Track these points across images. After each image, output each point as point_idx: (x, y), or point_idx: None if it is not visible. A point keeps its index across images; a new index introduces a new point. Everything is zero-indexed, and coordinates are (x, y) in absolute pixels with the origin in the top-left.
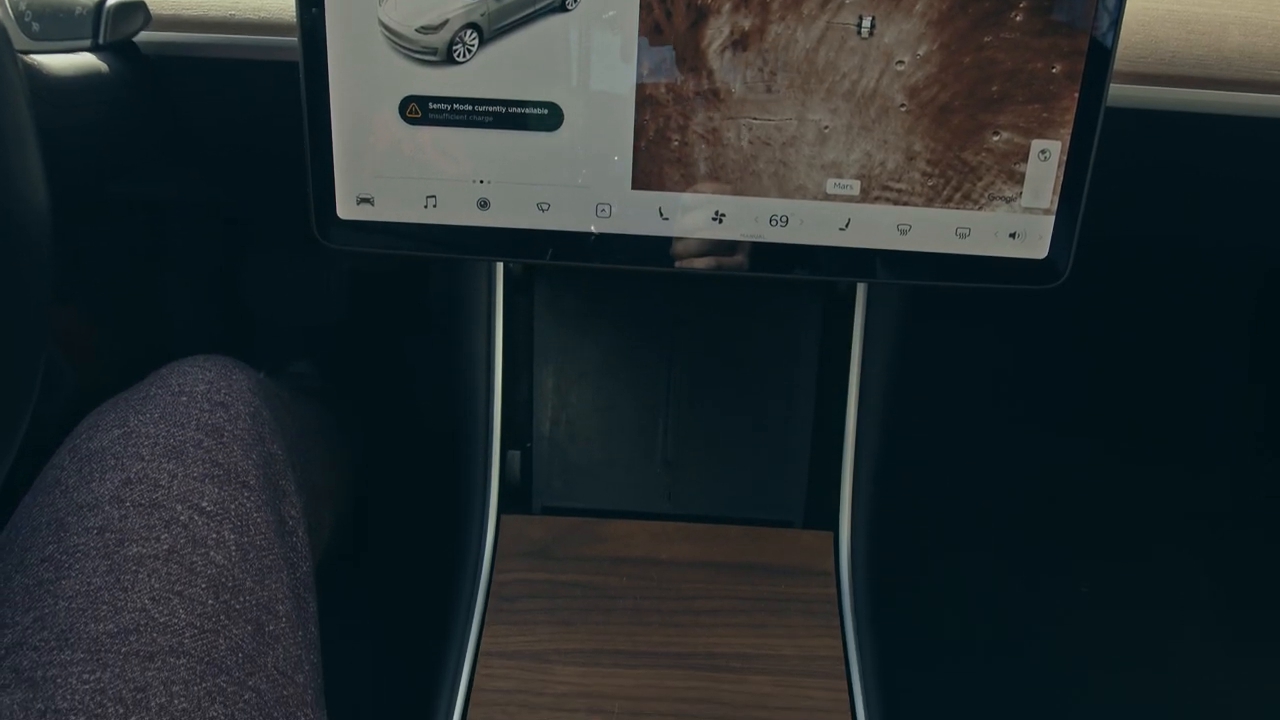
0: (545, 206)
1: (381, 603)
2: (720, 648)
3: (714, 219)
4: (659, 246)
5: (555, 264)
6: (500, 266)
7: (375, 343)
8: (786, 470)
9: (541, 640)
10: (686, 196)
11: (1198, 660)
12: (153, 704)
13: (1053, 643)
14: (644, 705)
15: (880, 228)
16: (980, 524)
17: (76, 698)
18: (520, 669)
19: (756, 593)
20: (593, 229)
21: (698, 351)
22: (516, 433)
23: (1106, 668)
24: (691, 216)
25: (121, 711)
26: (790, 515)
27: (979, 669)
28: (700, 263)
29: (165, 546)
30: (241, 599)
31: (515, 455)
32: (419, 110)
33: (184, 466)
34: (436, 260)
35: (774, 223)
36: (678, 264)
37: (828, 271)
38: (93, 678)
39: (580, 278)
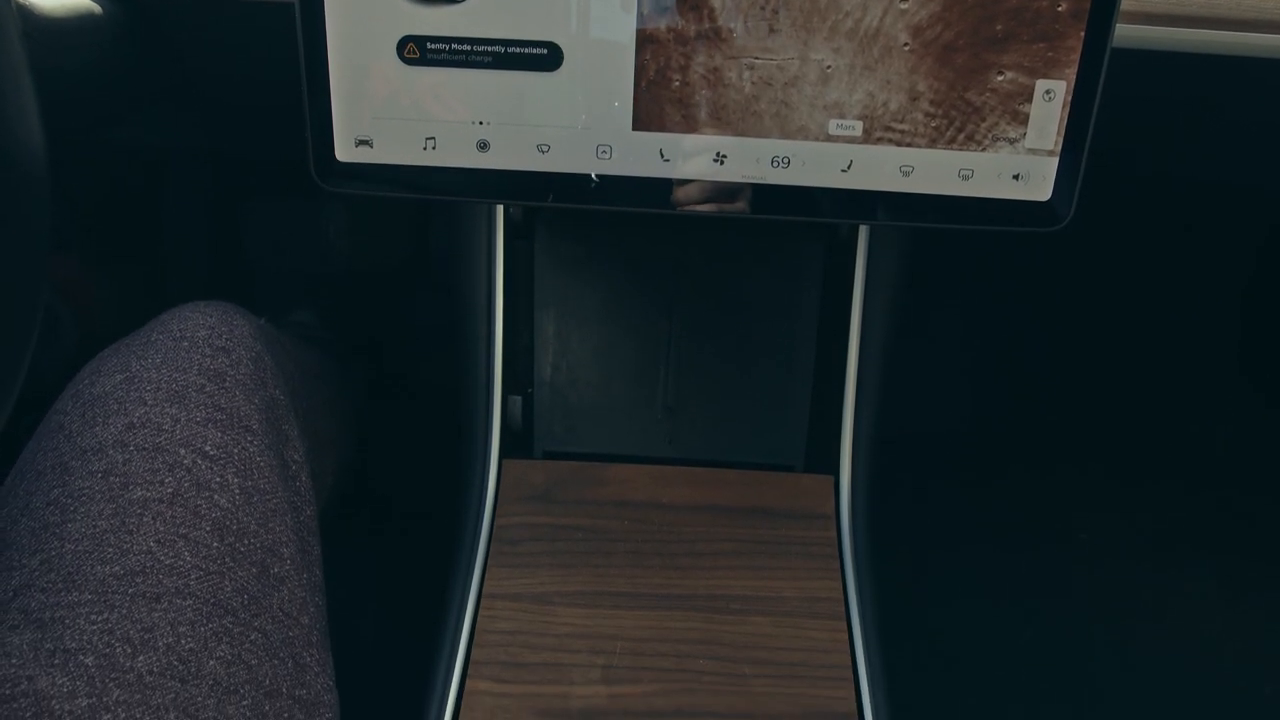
0: (545, 148)
1: (384, 547)
2: (720, 590)
3: (715, 160)
4: (660, 188)
5: (555, 206)
6: (500, 212)
7: (375, 291)
8: (787, 415)
9: (543, 582)
10: (688, 138)
11: (1194, 607)
12: (160, 644)
13: (1050, 586)
14: (645, 646)
15: (882, 169)
16: (980, 468)
17: (85, 638)
18: (522, 610)
19: (757, 536)
20: (593, 171)
21: (699, 296)
22: (517, 378)
23: (1103, 612)
24: (692, 158)
25: (130, 651)
26: (791, 459)
27: (976, 611)
28: (701, 205)
29: (169, 490)
30: (246, 542)
31: (516, 401)
32: (417, 50)
33: (186, 411)
34: (436, 203)
35: (775, 164)
36: (679, 206)
37: (829, 214)
38: (100, 618)
39: (581, 223)
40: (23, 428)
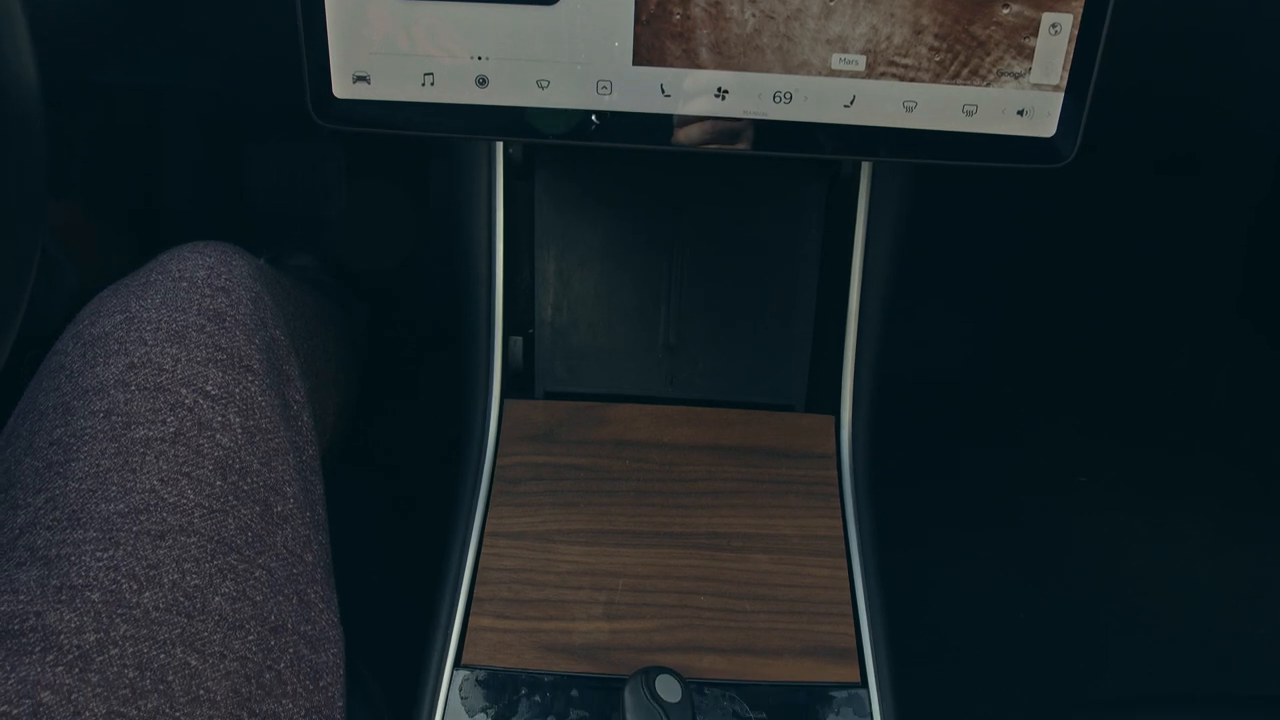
0: (545, 84)
1: (387, 487)
2: (721, 528)
3: (716, 96)
4: (660, 125)
5: (555, 143)
6: (500, 152)
7: (375, 233)
8: (788, 355)
9: (545, 521)
10: (688, 73)
11: (1191, 551)
12: (165, 580)
13: (1049, 527)
14: (646, 583)
15: (886, 105)
16: (980, 409)
17: (91, 574)
18: (525, 548)
19: (758, 475)
20: (593, 107)
21: (700, 236)
22: (518, 319)
23: (1097, 551)
24: (693, 93)
25: (135, 587)
26: (792, 399)
27: (975, 550)
28: (702, 141)
29: (171, 429)
30: (249, 480)
31: (517, 341)
32: None
33: (187, 351)
34: (436, 141)
35: (777, 99)
36: (679, 142)
37: (831, 150)
38: (106, 555)
39: (581, 163)
40: (24, 369)
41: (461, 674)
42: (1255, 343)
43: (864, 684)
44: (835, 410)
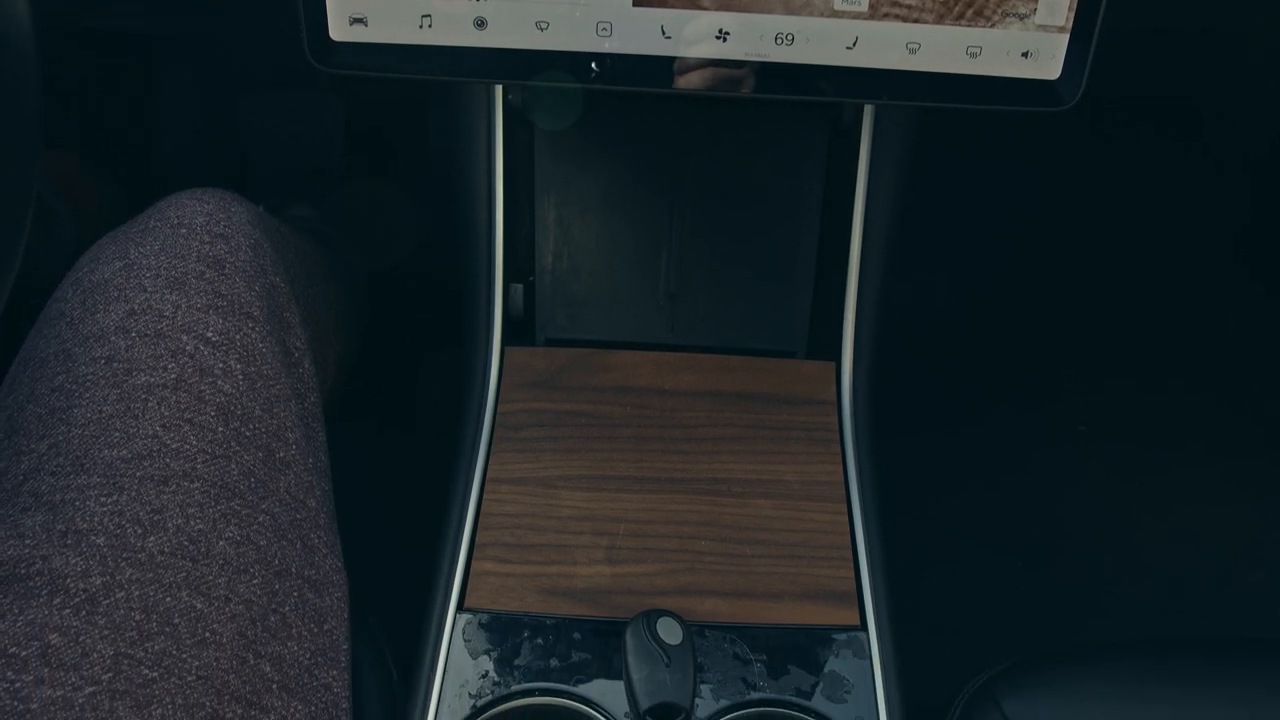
0: (544, 25)
1: (389, 434)
2: (722, 473)
3: (718, 37)
4: (661, 67)
5: (554, 86)
6: (499, 98)
7: (373, 181)
8: (790, 301)
9: (546, 467)
10: (689, 14)
11: (1188, 500)
12: (169, 525)
13: (1049, 476)
14: (647, 527)
15: (889, 46)
16: (981, 355)
17: (95, 519)
18: (527, 494)
19: (759, 421)
20: (593, 49)
21: (701, 183)
22: (519, 266)
23: (1100, 502)
24: (694, 35)
25: (140, 532)
26: (793, 346)
27: (974, 495)
28: (703, 83)
29: (173, 376)
30: (251, 426)
31: (518, 289)
32: None
33: (187, 297)
34: (434, 84)
35: (779, 41)
36: (680, 85)
37: (834, 93)
38: (110, 500)
39: (581, 109)
40: (24, 317)
41: (464, 617)
42: (1254, 291)
43: (863, 627)
44: (836, 357)
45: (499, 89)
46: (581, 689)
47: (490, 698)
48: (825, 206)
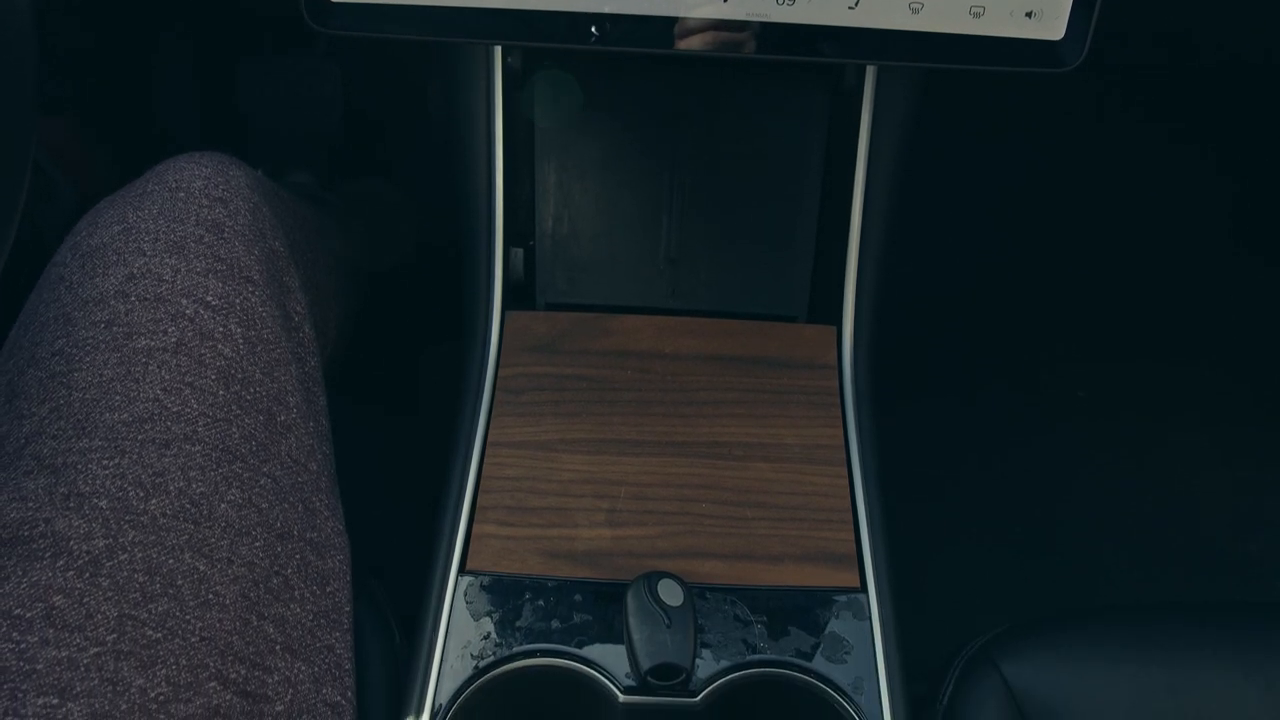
0: None
1: (390, 400)
2: (723, 437)
3: None
4: (662, 28)
5: (555, 47)
6: (499, 61)
7: (373, 146)
8: (791, 265)
9: (547, 431)
10: None
11: (1186, 466)
12: (171, 488)
13: (1046, 439)
14: (648, 490)
15: (891, 6)
16: (982, 322)
17: (97, 482)
18: (528, 458)
19: (759, 385)
20: (593, 9)
21: (702, 147)
22: (519, 230)
23: (1095, 467)
24: None
25: (142, 495)
26: (794, 310)
27: (973, 459)
28: (705, 45)
29: (173, 340)
30: (252, 390)
31: (518, 253)
32: None
33: (186, 261)
34: (433, 48)
35: (781, 0)
36: (681, 46)
37: (835, 53)
38: (111, 463)
39: (581, 71)
40: (23, 283)
41: (466, 580)
42: (1252, 264)
43: (863, 589)
44: (837, 321)
45: (498, 52)
46: (582, 650)
47: (492, 659)
48: (826, 170)
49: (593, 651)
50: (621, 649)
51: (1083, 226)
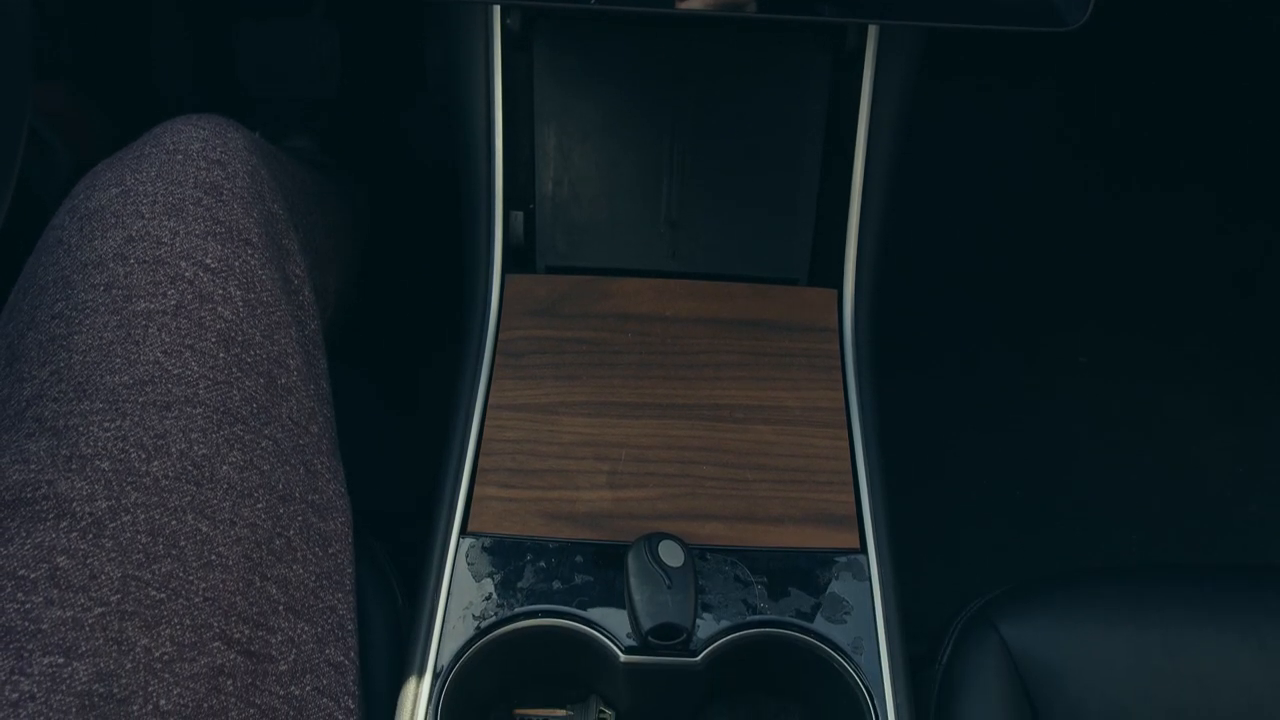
0: None
1: (391, 363)
2: (724, 399)
3: None
4: None
5: (554, 6)
6: (497, 23)
7: (372, 112)
8: (792, 228)
9: (548, 394)
10: None
11: (1186, 430)
12: (173, 450)
13: (1049, 405)
14: (649, 453)
15: None
16: (983, 286)
17: (99, 444)
18: (528, 420)
19: (760, 347)
20: None
21: (703, 110)
22: (519, 193)
23: (1095, 427)
24: None
25: (144, 456)
26: (795, 273)
27: (973, 422)
28: (705, 4)
29: (173, 302)
30: (252, 353)
31: (518, 216)
32: None
33: (185, 224)
34: (430, 7)
35: None
36: (681, 5)
37: (837, 13)
38: (113, 425)
39: (581, 34)
40: (22, 246)
41: (467, 541)
42: (1253, 230)
43: (863, 550)
44: (838, 283)
45: (496, 12)
46: (584, 611)
47: (494, 619)
48: (828, 132)
49: (594, 612)
50: (622, 610)
51: (1084, 194)
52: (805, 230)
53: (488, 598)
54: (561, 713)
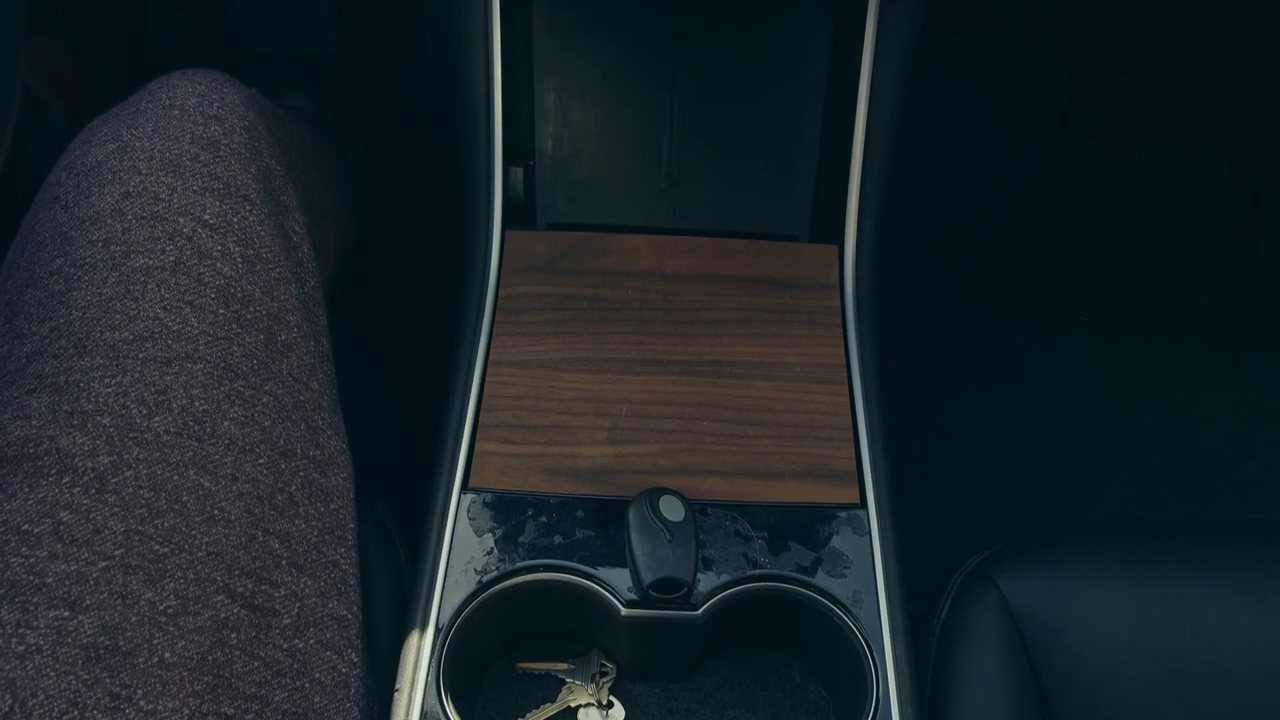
0: None
1: (391, 320)
2: (725, 355)
3: None
4: None
5: None
6: None
7: (371, 68)
8: (793, 184)
9: (549, 350)
10: None
11: (1187, 390)
12: (174, 405)
13: (1050, 364)
14: (649, 408)
15: None
16: (984, 246)
17: (100, 400)
18: (529, 376)
19: (761, 304)
20: None
21: (703, 65)
22: (518, 150)
23: (1095, 387)
24: None
25: (145, 412)
26: (796, 229)
27: (974, 378)
28: None
29: (171, 258)
30: (252, 309)
31: (518, 173)
32: None
33: (182, 180)
34: None
35: None
36: None
37: None
38: (114, 381)
39: None
40: (18, 203)
41: (469, 497)
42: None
43: (863, 505)
44: (839, 240)
45: None
46: (585, 565)
47: (495, 574)
48: (830, 88)
49: (595, 566)
50: (623, 564)
51: (1087, 155)
52: (806, 187)
53: (489, 553)
54: (563, 666)
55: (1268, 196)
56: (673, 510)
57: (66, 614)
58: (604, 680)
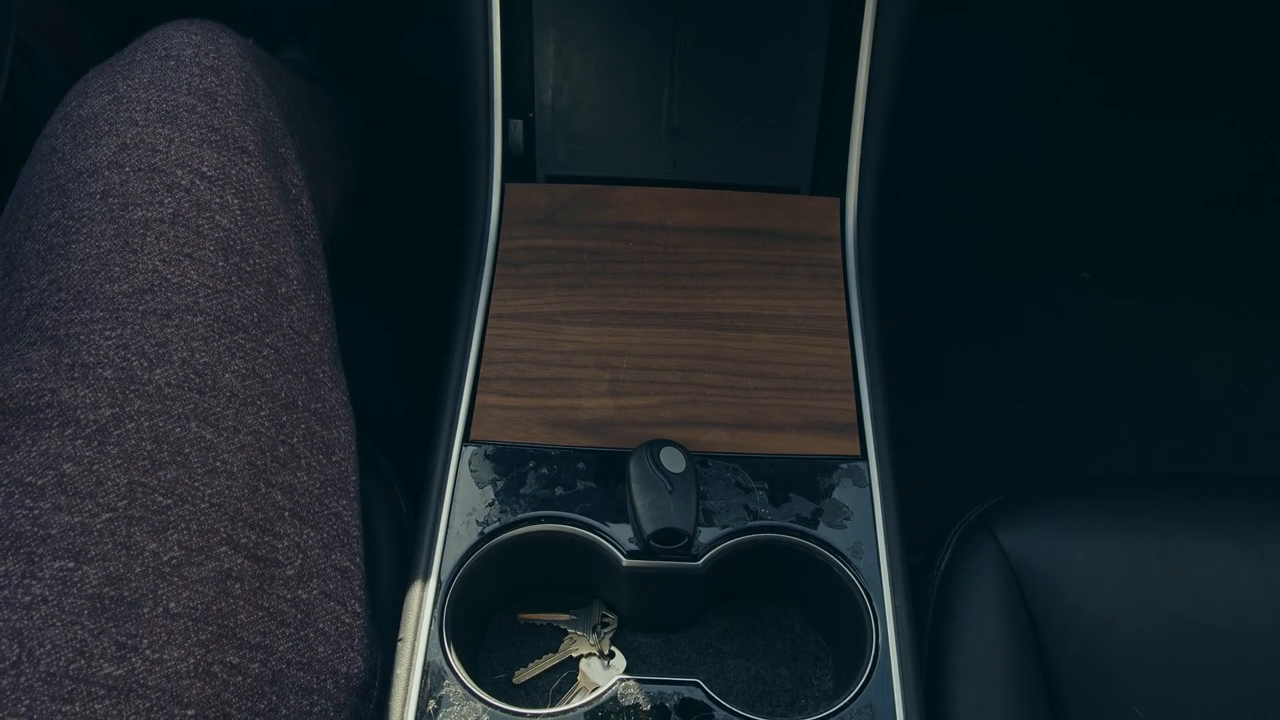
0: None
1: (391, 274)
2: (726, 308)
3: None
4: None
5: None
6: None
7: (368, 25)
8: (794, 137)
9: (549, 303)
10: None
11: (1187, 345)
12: (175, 358)
13: (1050, 319)
14: (650, 361)
15: None
16: (986, 200)
17: (101, 352)
18: (530, 329)
19: (762, 256)
20: None
21: (705, 14)
22: (518, 102)
23: (1100, 346)
24: None
25: (146, 365)
26: (797, 182)
27: (974, 331)
28: None
29: (170, 211)
30: (251, 262)
31: (517, 125)
32: None
33: (180, 131)
34: None
35: None
36: None
37: None
38: (114, 334)
39: None
40: (15, 157)
41: (470, 449)
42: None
43: (863, 457)
44: (840, 192)
45: None
46: (586, 516)
47: (497, 525)
48: (831, 40)
49: (596, 518)
50: (624, 516)
51: (1091, 110)
52: (807, 139)
53: (491, 504)
54: (565, 617)
55: (1273, 152)
56: (674, 462)
57: (71, 565)
58: (605, 631)
